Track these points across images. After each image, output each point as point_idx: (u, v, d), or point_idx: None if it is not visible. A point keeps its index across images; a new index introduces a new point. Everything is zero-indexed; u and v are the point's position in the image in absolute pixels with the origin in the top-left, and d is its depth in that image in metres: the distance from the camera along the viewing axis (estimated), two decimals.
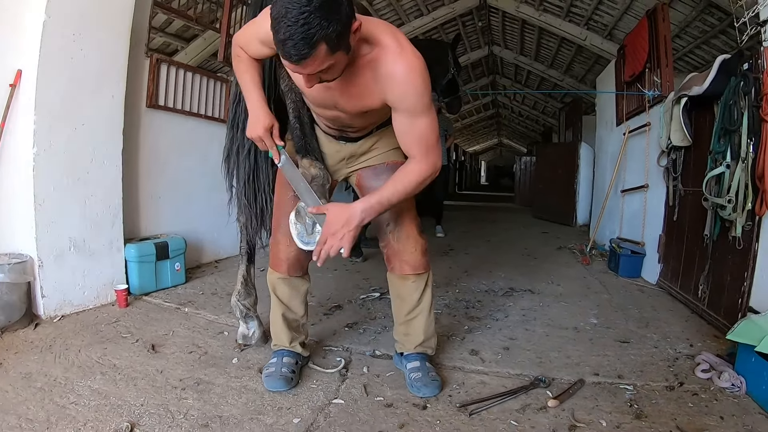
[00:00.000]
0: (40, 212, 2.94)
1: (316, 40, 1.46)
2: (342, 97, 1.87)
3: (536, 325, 3.24)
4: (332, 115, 2.04)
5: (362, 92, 1.83)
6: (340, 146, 2.24)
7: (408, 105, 1.80)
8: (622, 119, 5.96)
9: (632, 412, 2.08)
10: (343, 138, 2.22)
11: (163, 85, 4.09)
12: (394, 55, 1.72)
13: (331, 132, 2.21)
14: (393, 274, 2.30)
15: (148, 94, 3.93)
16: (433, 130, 1.88)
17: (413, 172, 1.91)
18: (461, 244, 6.68)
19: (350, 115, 1.99)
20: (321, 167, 2.15)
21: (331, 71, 1.63)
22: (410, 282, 2.26)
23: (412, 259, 2.23)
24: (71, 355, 2.49)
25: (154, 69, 3.94)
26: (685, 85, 3.60)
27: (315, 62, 1.52)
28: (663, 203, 4.31)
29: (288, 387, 2.20)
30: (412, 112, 1.82)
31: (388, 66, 1.73)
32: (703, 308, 3.36)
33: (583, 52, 9.03)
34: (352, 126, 2.13)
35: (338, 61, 1.60)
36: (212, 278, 4.19)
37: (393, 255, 2.26)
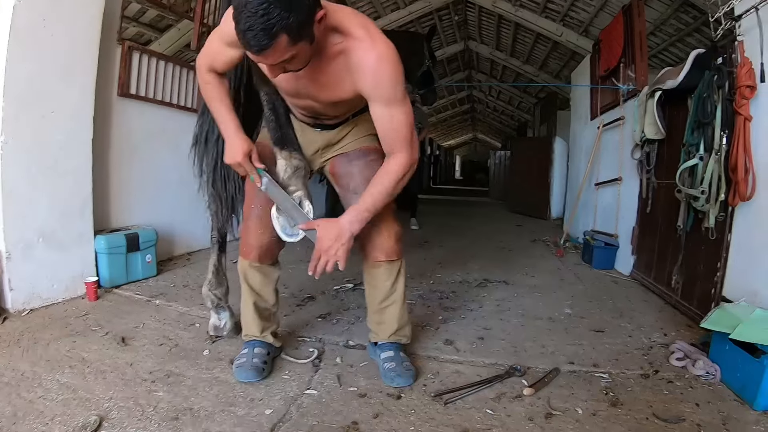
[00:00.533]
0: (8, 203, 2.85)
1: (276, 31, 1.45)
2: (313, 86, 1.86)
3: (511, 316, 3.25)
4: (305, 104, 2.03)
5: (333, 82, 1.82)
6: (315, 135, 2.22)
7: (381, 95, 1.80)
8: (596, 113, 6.02)
9: (608, 400, 2.10)
10: (318, 125, 2.20)
11: (135, 73, 4.01)
12: (365, 45, 1.72)
13: (306, 120, 2.19)
14: (366, 262, 2.29)
15: (120, 83, 3.85)
16: (410, 120, 1.88)
17: (394, 169, 1.92)
18: (436, 237, 6.69)
19: (323, 104, 1.98)
20: (300, 158, 2.14)
21: (294, 62, 1.62)
22: (382, 270, 2.24)
23: (385, 246, 2.21)
24: (39, 349, 2.43)
25: (126, 57, 3.86)
26: (659, 79, 3.64)
27: (276, 53, 1.52)
28: (636, 196, 4.37)
29: (259, 378, 2.18)
30: (387, 102, 1.81)
31: (359, 56, 1.73)
32: (677, 299, 3.41)
33: (559, 48, 9.10)
34: (327, 114, 2.11)
35: (301, 52, 1.59)
36: (184, 270, 4.15)
37: (367, 243, 2.24)
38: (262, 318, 2.34)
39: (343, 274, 4.09)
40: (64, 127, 3.14)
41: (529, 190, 9.92)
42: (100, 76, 3.41)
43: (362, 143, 2.25)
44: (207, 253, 2.77)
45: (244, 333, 2.38)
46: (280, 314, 2.55)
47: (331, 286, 3.79)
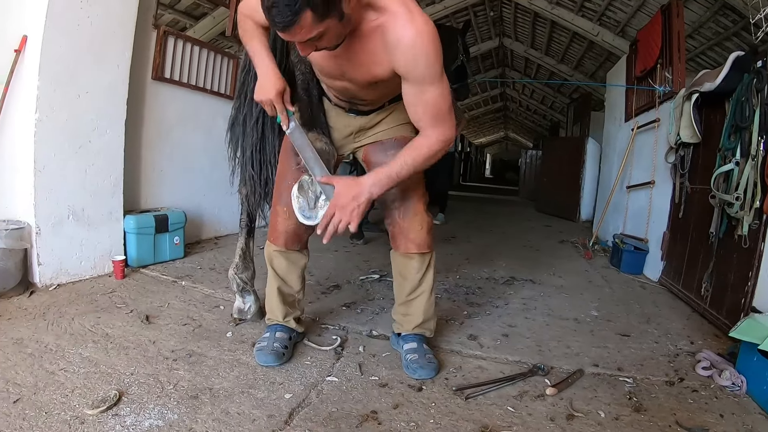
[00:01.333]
0: (40, 179, 2.91)
1: (300, 6, 1.42)
2: (349, 65, 1.83)
3: (536, 314, 3.21)
4: (341, 86, 2.00)
5: (370, 60, 1.78)
6: (350, 119, 2.20)
7: (418, 73, 1.74)
8: (631, 115, 5.90)
9: (631, 405, 2.05)
10: (353, 111, 2.18)
11: (169, 57, 4.05)
12: (403, 21, 1.65)
13: (341, 104, 2.16)
14: (397, 252, 2.27)
15: (154, 66, 3.89)
16: (446, 99, 1.82)
17: (424, 146, 1.86)
18: (464, 233, 6.66)
19: (359, 86, 1.94)
20: (327, 141, 2.12)
21: (324, 39, 1.59)
22: (414, 261, 2.22)
23: (417, 238, 2.19)
24: (64, 323, 2.47)
25: (161, 41, 3.90)
26: (696, 81, 3.55)
27: (302, 29, 1.49)
28: (669, 200, 4.27)
29: (279, 362, 2.17)
30: (422, 81, 1.75)
31: (397, 32, 1.66)
32: (705, 307, 3.32)
33: (595, 48, 8.96)
34: (362, 98, 2.08)
35: (330, 28, 1.55)
36: (211, 254, 4.18)
37: (398, 233, 2.22)
38: (286, 303, 2.33)
39: (370, 264, 4.13)
40: (97, 107, 3.18)
41: (559, 191, 9.79)
42: (135, 60, 3.45)
43: (398, 132, 2.21)
44: (234, 238, 2.79)
45: (267, 317, 2.38)
46: (305, 301, 2.54)
47: (357, 276, 3.80)
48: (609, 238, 5.73)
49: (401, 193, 2.17)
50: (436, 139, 1.85)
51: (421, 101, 1.80)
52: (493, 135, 33.21)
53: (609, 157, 7.24)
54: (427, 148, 1.86)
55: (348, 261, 4.34)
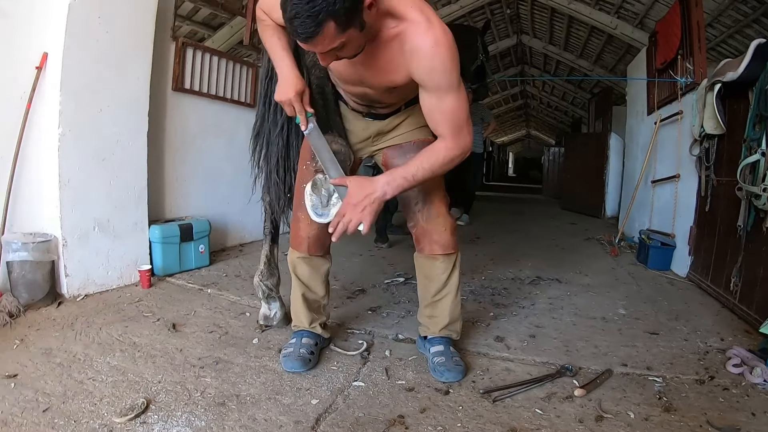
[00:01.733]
0: (65, 192, 2.96)
1: (323, 18, 1.43)
2: (367, 72, 1.83)
3: (563, 314, 3.17)
4: (360, 91, 2.00)
5: (388, 67, 1.78)
6: (367, 123, 2.20)
7: (436, 82, 1.73)
8: (653, 108, 5.82)
9: (661, 405, 2.01)
10: (370, 115, 2.17)
11: (189, 68, 4.09)
12: (423, 29, 1.66)
13: (358, 108, 2.16)
14: (421, 254, 2.26)
15: (174, 77, 3.94)
16: (463, 108, 1.81)
17: (441, 151, 1.85)
18: (488, 233, 6.62)
19: (377, 91, 1.94)
20: (343, 144, 2.12)
21: (345, 49, 1.59)
22: (438, 262, 2.21)
23: (441, 239, 2.19)
24: (92, 332, 2.51)
25: (180, 52, 3.95)
26: (718, 71, 3.48)
27: (325, 40, 1.50)
28: (695, 194, 4.18)
29: (305, 368, 2.18)
30: (440, 89, 1.75)
31: (415, 40, 1.67)
32: (735, 302, 3.24)
33: (614, 42, 8.88)
34: (381, 102, 2.08)
35: (351, 39, 1.56)
36: (236, 261, 4.21)
37: (422, 235, 2.22)
38: (311, 309, 2.34)
39: (395, 268, 4.12)
40: (120, 120, 3.23)
41: (583, 188, 9.68)
42: (155, 72, 3.50)
43: (416, 135, 2.20)
44: (259, 246, 2.80)
45: (293, 323, 2.39)
46: (330, 306, 2.54)
47: (382, 280, 3.79)
48: (635, 234, 5.65)
49: (423, 195, 2.17)
50: (455, 146, 1.84)
51: (439, 110, 1.80)
52: (514, 133, 33.04)
53: (632, 152, 7.15)
54: (445, 154, 1.85)
55: (373, 265, 4.34)
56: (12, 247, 2.76)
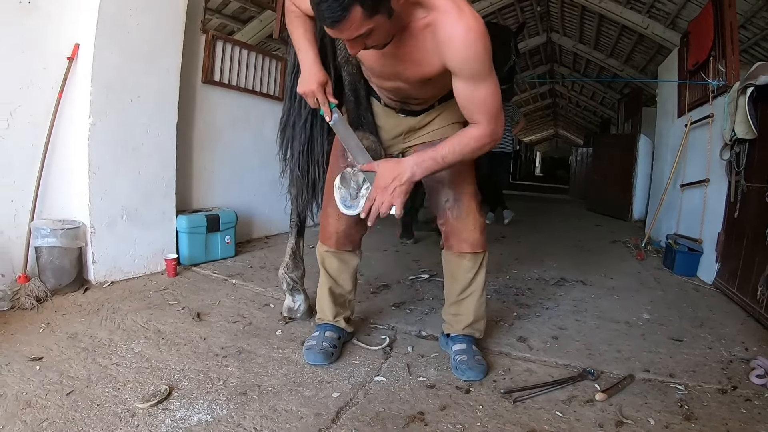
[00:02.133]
0: (95, 180, 3.01)
1: (350, 2, 1.42)
2: (400, 64, 1.81)
3: (587, 317, 3.13)
4: (393, 86, 1.98)
5: (421, 58, 1.76)
6: (400, 120, 2.18)
7: (469, 70, 1.71)
8: (684, 110, 5.71)
9: (682, 413, 1.97)
10: (404, 111, 2.16)
11: (218, 61, 4.13)
12: (454, 17, 1.63)
13: (392, 104, 2.15)
14: (450, 252, 2.25)
15: (204, 70, 3.97)
16: (496, 95, 1.79)
17: (474, 137, 1.82)
18: (513, 232, 6.57)
19: (411, 85, 1.92)
20: (374, 140, 2.11)
21: (373, 36, 1.58)
22: (466, 261, 2.19)
23: (471, 237, 2.16)
24: (117, 318, 2.55)
25: (210, 45, 3.97)
26: (751, 74, 3.40)
27: (352, 26, 1.49)
28: (724, 199, 4.09)
29: (327, 361, 2.18)
30: (474, 78, 1.73)
31: (447, 29, 1.64)
32: (761, 312, 3.15)
33: (645, 42, 8.74)
34: (415, 97, 2.06)
35: (379, 26, 1.54)
36: (262, 253, 4.24)
37: (451, 232, 2.20)
38: (337, 303, 2.34)
39: (420, 264, 4.11)
40: (149, 111, 3.27)
41: (610, 189, 9.55)
42: (185, 64, 3.53)
43: (448, 132, 2.14)
44: (284, 238, 2.81)
45: (317, 316, 2.39)
46: (356, 301, 2.54)
47: (407, 276, 3.78)
48: (662, 238, 5.55)
49: (453, 191, 2.16)
50: (487, 133, 1.81)
51: (474, 98, 1.78)
52: (542, 132, 32.78)
53: (661, 155, 7.03)
54: (476, 140, 1.82)
55: (398, 261, 4.33)
56: (41, 233, 2.80)
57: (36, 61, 2.86)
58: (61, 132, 2.98)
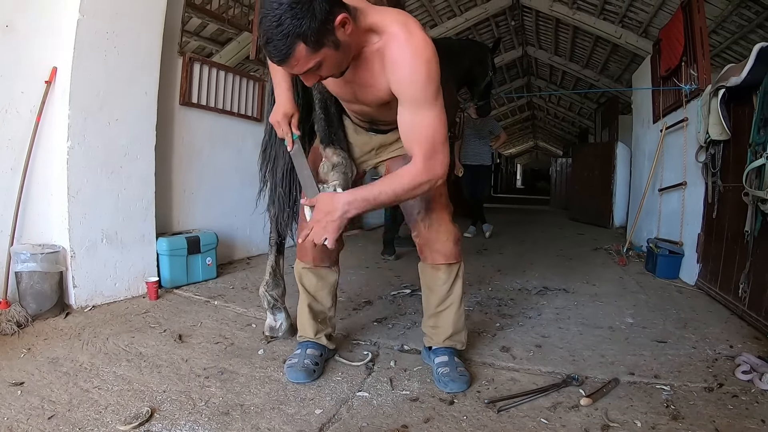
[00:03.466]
0: (74, 204, 3.00)
1: (291, 40, 1.46)
2: (358, 89, 1.86)
3: (570, 324, 3.16)
4: (358, 108, 2.04)
5: (374, 83, 1.79)
6: (370, 137, 2.23)
7: (412, 94, 1.71)
8: (659, 116, 5.83)
9: (669, 413, 1.99)
10: (372, 130, 2.21)
11: (196, 82, 4.15)
12: (400, 42, 1.66)
13: (361, 124, 2.20)
14: (425, 264, 2.27)
15: (182, 92, 3.99)
16: (440, 128, 1.76)
17: (407, 176, 1.78)
18: (495, 244, 6.62)
19: (373, 108, 1.98)
20: (344, 156, 2.14)
21: (324, 68, 1.60)
22: (441, 273, 2.21)
23: (444, 249, 2.18)
24: (99, 342, 2.53)
25: (187, 67, 4.00)
26: (722, 77, 3.49)
27: (299, 62, 1.53)
28: (702, 201, 4.17)
29: (309, 379, 2.17)
30: (417, 103, 1.72)
31: (394, 52, 1.68)
32: (744, 309, 3.22)
33: (619, 51, 8.92)
34: (380, 119, 2.11)
35: (327, 58, 1.56)
36: (243, 274, 4.23)
37: (424, 244, 2.22)
38: (317, 320, 2.34)
39: (401, 279, 4.12)
40: (127, 133, 3.28)
41: (590, 198, 9.66)
42: (163, 86, 3.56)
43: None
44: (266, 259, 2.80)
45: (298, 334, 2.39)
46: (337, 318, 2.54)
47: (389, 291, 3.79)
48: (643, 243, 5.62)
49: (425, 204, 2.18)
50: (424, 170, 1.77)
51: (414, 126, 1.76)
52: (522, 145, 33.05)
53: (639, 161, 7.16)
54: (411, 179, 1.78)
55: (380, 277, 4.34)
56: (21, 258, 2.79)
57: (14, 84, 2.86)
58: (39, 155, 2.97)
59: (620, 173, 8.61)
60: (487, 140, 7.11)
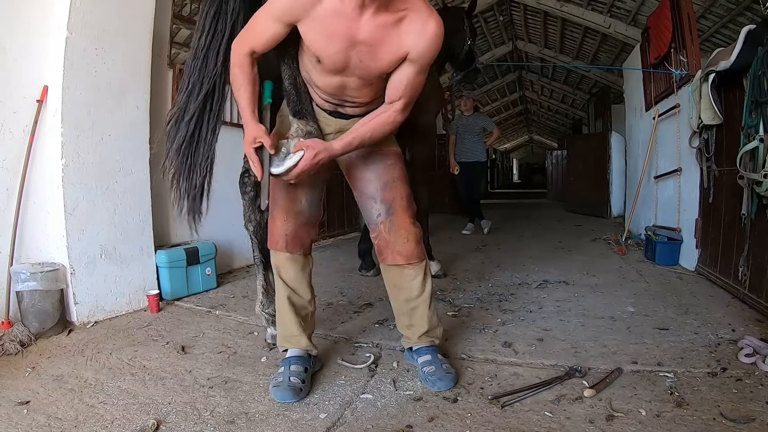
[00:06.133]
0: (71, 221, 3.01)
1: None
2: (367, 53, 1.90)
3: (571, 316, 3.17)
4: (338, 83, 2.03)
5: (388, 46, 1.88)
6: (330, 120, 2.21)
7: (423, 61, 1.93)
8: (650, 103, 5.85)
9: (673, 400, 2.00)
10: (336, 113, 2.19)
11: None
12: (428, 14, 1.88)
13: (326, 106, 2.18)
14: (385, 264, 2.27)
15: (173, 104, 3.97)
16: (420, 89, 2.05)
17: (386, 114, 2.06)
18: (494, 240, 6.63)
19: (363, 81, 2.01)
20: (314, 127, 2.13)
21: None
22: (408, 271, 2.22)
23: (405, 249, 2.19)
24: (102, 357, 2.54)
25: (178, 79, 4.00)
26: (712, 61, 3.51)
27: None
28: (697, 186, 4.20)
29: (297, 398, 2.07)
30: (421, 68, 1.96)
31: (422, 21, 1.86)
32: (744, 292, 3.24)
33: (608, 41, 8.93)
34: (355, 98, 2.11)
35: None
36: (243, 282, 4.24)
37: (384, 246, 2.23)
38: (299, 315, 2.28)
39: None
40: (121, 148, 3.29)
41: (587, 189, 9.69)
42: (154, 99, 3.57)
43: (380, 145, 2.23)
44: None
45: (279, 343, 2.34)
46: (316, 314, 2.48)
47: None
48: (642, 231, 5.64)
49: (385, 206, 2.21)
50: (400, 113, 2.06)
51: (410, 83, 1.98)
52: (517, 139, 33.04)
53: (633, 149, 7.19)
54: (388, 116, 2.06)
55: (379, 279, 4.25)
56: (21, 277, 2.80)
57: (6, 105, 2.87)
58: (35, 174, 2.99)
59: (615, 162, 8.63)
60: (480, 137, 7.10)
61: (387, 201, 2.19)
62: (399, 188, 2.21)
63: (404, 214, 2.20)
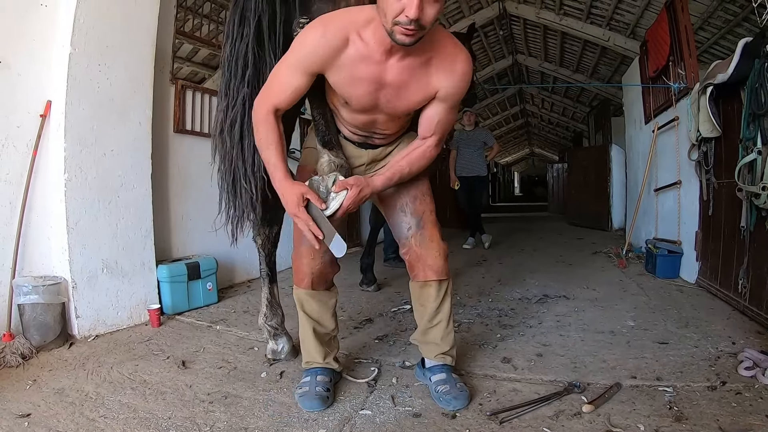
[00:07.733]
0: (73, 235, 3.03)
1: None
2: (395, 93, 1.92)
3: (571, 331, 3.17)
4: (367, 119, 2.06)
5: (417, 85, 1.91)
6: (360, 152, 2.24)
7: (454, 99, 2.00)
8: (650, 116, 5.88)
9: (672, 415, 2.00)
10: (365, 145, 2.22)
11: (189, 109, 4.19)
12: (456, 54, 1.91)
13: (355, 138, 2.21)
14: (416, 281, 2.27)
15: (175, 119, 4.03)
16: (454, 123, 2.02)
17: (422, 149, 2.10)
18: (495, 254, 6.63)
19: (390, 117, 2.05)
20: (344, 158, 2.17)
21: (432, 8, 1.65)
22: (432, 290, 2.22)
23: (436, 264, 2.19)
24: (103, 371, 2.54)
25: (180, 94, 4.04)
26: (709, 74, 3.53)
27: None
28: (697, 198, 4.21)
29: (324, 406, 2.12)
30: (452, 105, 2.03)
31: (449, 63, 1.90)
32: (745, 304, 3.24)
33: (608, 54, 9.00)
34: (384, 131, 2.15)
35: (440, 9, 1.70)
36: (244, 297, 4.24)
37: (416, 260, 2.21)
38: (323, 344, 2.31)
39: (402, 296, 4.11)
40: (124, 163, 3.31)
41: (588, 202, 9.69)
42: (156, 114, 3.60)
43: None
44: None
45: (305, 360, 2.34)
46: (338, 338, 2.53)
47: (389, 308, 3.79)
48: (642, 244, 5.65)
49: (415, 220, 2.20)
50: (434, 148, 2.11)
51: (442, 120, 2.03)
52: (518, 153, 33.08)
53: (633, 162, 7.21)
54: (424, 151, 2.10)
55: (380, 294, 4.34)
56: (23, 291, 2.81)
57: (10, 119, 2.90)
58: (38, 188, 3.01)
59: (616, 175, 8.65)
60: (481, 151, 7.12)
61: (417, 213, 2.20)
62: (428, 203, 2.24)
63: (434, 228, 2.22)
